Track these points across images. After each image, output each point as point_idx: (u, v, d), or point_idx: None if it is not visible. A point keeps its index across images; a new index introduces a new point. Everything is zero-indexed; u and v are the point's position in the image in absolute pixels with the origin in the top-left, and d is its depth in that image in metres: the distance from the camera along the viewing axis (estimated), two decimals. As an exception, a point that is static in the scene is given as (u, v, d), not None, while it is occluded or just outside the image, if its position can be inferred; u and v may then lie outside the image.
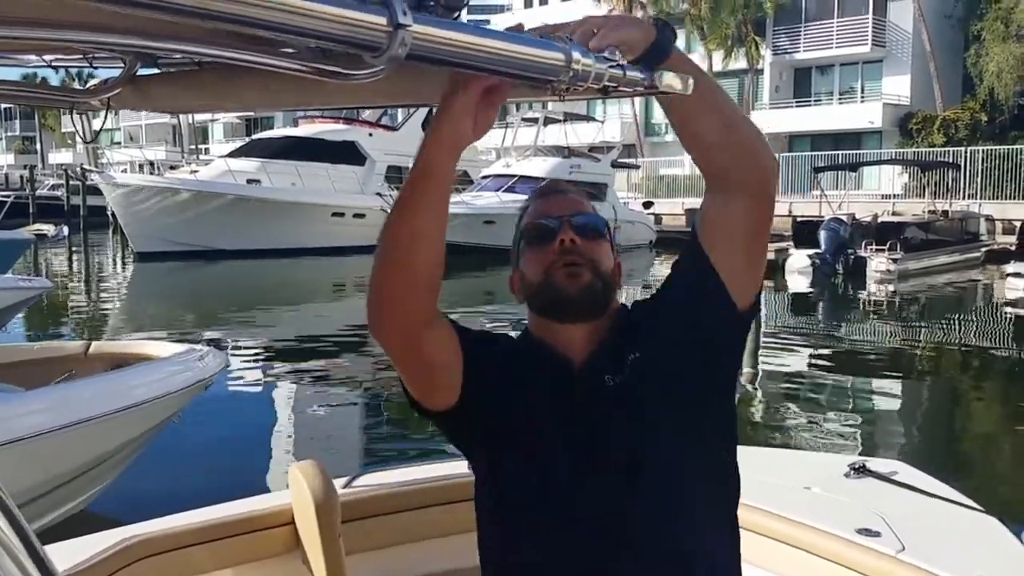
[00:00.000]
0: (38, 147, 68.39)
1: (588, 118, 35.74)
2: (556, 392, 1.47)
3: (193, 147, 41.29)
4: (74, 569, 2.00)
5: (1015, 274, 18.23)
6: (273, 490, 5.77)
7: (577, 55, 1.07)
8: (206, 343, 7.32)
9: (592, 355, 1.49)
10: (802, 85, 39.16)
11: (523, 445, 1.46)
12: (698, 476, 1.47)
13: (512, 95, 1.29)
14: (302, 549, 2.28)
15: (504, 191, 26.51)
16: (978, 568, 2.07)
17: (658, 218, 29.80)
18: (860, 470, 2.66)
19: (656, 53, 1.27)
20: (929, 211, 24.15)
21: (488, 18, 53.54)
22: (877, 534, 2.20)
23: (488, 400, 1.48)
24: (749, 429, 7.60)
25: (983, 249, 23.94)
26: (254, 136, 26.79)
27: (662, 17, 1.38)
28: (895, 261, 19.79)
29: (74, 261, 27.96)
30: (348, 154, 29.09)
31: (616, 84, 1.13)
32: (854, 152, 32.69)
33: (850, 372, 10.92)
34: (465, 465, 2.58)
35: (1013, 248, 20.14)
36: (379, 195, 27.35)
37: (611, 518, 1.41)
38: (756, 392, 9.35)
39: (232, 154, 29.49)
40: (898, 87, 36.08)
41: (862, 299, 18.65)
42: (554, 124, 30.16)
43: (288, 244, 25.55)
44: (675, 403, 1.46)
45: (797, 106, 38.21)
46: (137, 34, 1.11)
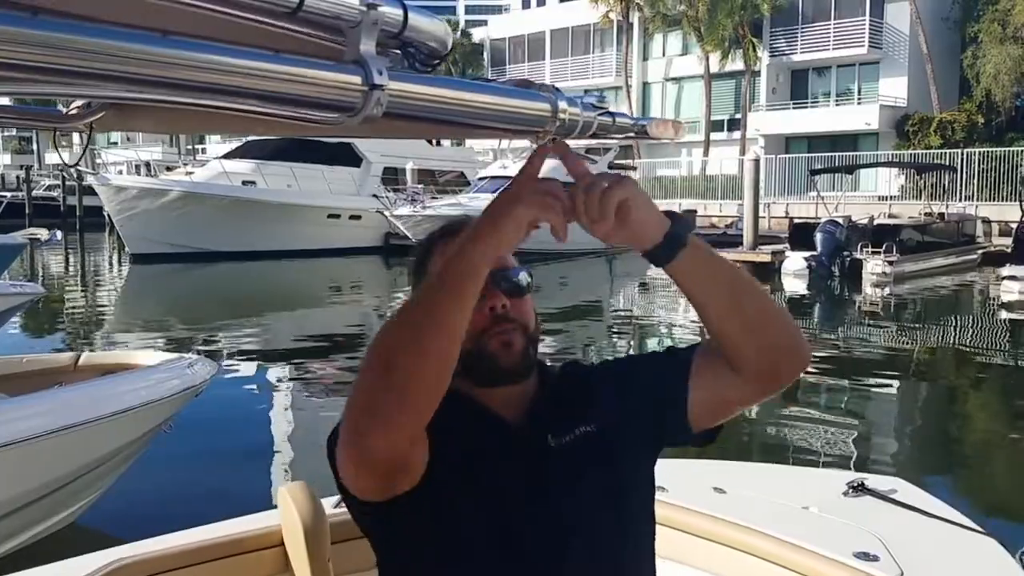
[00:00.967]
0: (35, 147, 68.21)
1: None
2: (503, 453, 1.40)
3: (190, 148, 41.26)
4: None
5: (1010, 277, 18.21)
6: (266, 503, 5.74)
7: (564, 104, 1.03)
8: (197, 352, 7.26)
9: (531, 414, 1.44)
10: (799, 87, 39.18)
11: (479, 511, 1.38)
12: (638, 532, 1.48)
13: (496, 136, 1.24)
14: (292, 572, 2.25)
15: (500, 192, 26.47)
16: None
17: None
18: (859, 488, 2.63)
19: (671, 244, 1.26)
20: (925, 213, 24.14)
21: (485, 18, 53.54)
22: (876, 558, 2.17)
23: (430, 470, 1.35)
24: (744, 440, 7.56)
25: (979, 251, 23.95)
26: (250, 137, 26.73)
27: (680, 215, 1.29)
28: (891, 263, 19.78)
29: (70, 263, 27.89)
30: (344, 156, 29.07)
31: (606, 132, 1.09)
32: (851, 154, 32.69)
33: (846, 376, 10.90)
34: None
35: (1009, 250, 20.13)
36: (375, 197, 27.34)
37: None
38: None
39: (228, 155, 29.43)
40: (895, 89, 36.12)
41: (858, 302, 18.65)
42: (551, 125, 30.10)
43: (284, 246, 25.52)
44: (618, 472, 1.45)
45: (794, 108, 38.25)
46: (117, 86, 1.08)
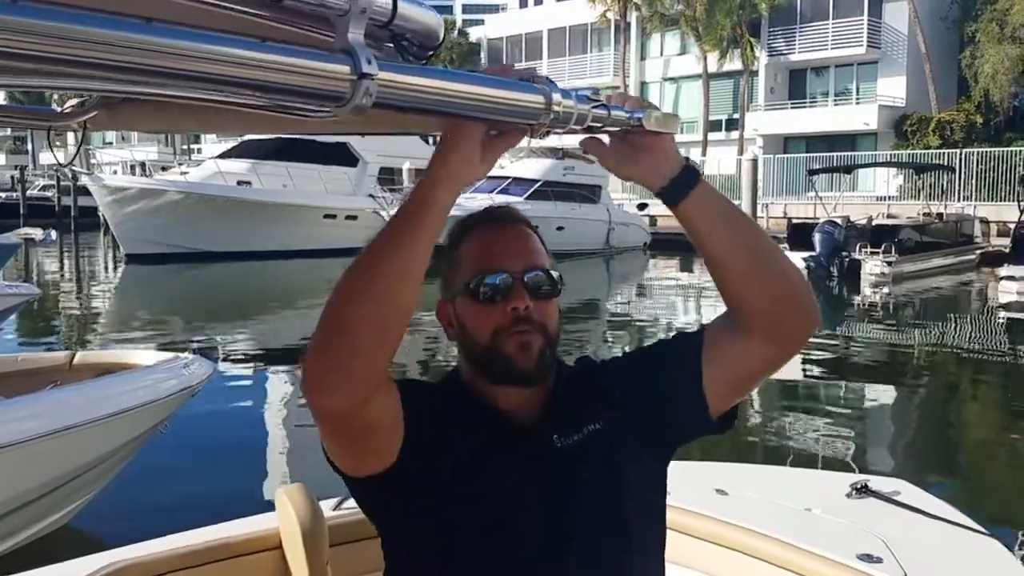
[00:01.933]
0: (29, 147, 68.14)
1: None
2: (507, 452, 1.39)
3: (185, 148, 41.23)
4: None
5: (1008, 277, 18.22)
6: (264, 504, 5.73)
7: (558, 97, 1.01)
8: (193, 351, 7.24)
9: (542, 414, 1.42)
10: (797, 87, 39.22)
11: (480, 511, 1.37)
12: (643, 535, 1.46)
13: (495, 129, 1.22)
14: (290, 575, 2.25)
15: (497, 192, 26.48)
16: None
17: (652, 220, 29.74)
18: (862, 490, 2.64)
19: (689, 174, 1.29)
20: (924, 213, 24.18)
21: (482, 17, 53.53)
22: (879, 560, 2.17)
23: (428, 462, 1.35)
24: (747, 442, 7.55)
25: (978, 251, 23.99)
26: (245, 137, 26.71)
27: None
28: (890, 264, 19.80)
29: (65, 263, 27.86)
30: (340, 155, 29.01)
31: (601, 124, 1.08)
32: (849, 154, 32.74)
33: (846, 377, 10.92)
34: None
35: (1007, 251, 20.15)
36: (371, 196, 27.30)
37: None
38: (752, 400, 9.34)
39: (223, 155, 29.38)
40: (893, 89, 36.17)
41: (857, 302, 18.66)
42: (548, 125, 30.11)
43: (280, 246, 25.48)
44: (623, 473, 1.43)
45: (792, 108, 38.31)
46: (101, 75, 1.07)
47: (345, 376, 1.18)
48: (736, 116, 39.87)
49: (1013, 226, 20.75)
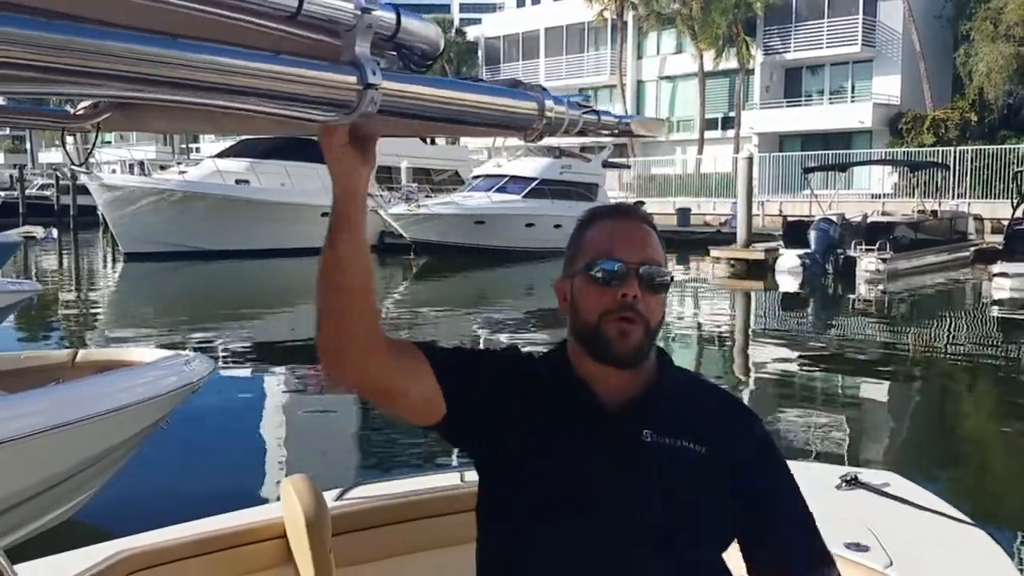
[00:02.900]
0: (28, 146, 68.08)
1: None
2: (588, 432, 1.46)
3: (184, 147, 41.15)
4: None
5: (1001, 274, 18.30)
6: (267, 497, 5.77)
7: (550, 103, 1.09)
8: (194, 349, 7.30)
9: (637, 406, 1.49)
10: (792, 85, 39.26)
11: (551, 485, 1.44)
12: (713, 538, 1.51)
13: (486, 135, 1.31)
14: (294, 563, 2.29)
15: (495, 191, 26.51)
16: None
17: (649, 218, 29.70)
18: (852, 482, 2.66)
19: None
20: (918, 211, 24.23)
21: (480, 16, 53.49)
22: (866, 548, 2.20)
23: (498, 425, 1.48)
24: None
25: (972, 248, 24.02)
26: (243, 136, 26.68)
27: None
28: (884, 261, 19.84)
29: (64, 261, 27.85)
30: (339, 154, 28.97)
31: (592, 129, 1.15)
32: (844, 152, 32.81)
33: (840, 372, 10.97)
34: (457, 477, 2.60)
35: (1000, 247, 20.23)
36: (369, 195, 27.24)
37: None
38: (745, 389, 9.41)
39: (221, 154, 29.30)
40: (888, 87, 36.21)
41: (852, 299, 18.70)
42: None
43: (278, 244, 25.44)
44: (706, 492, 1.48)
45: (787, 106, 38.32)
46: (122, 83, 1.14)
47: (334, 348, 1.40)
48: (732, 114, 39.88)
49: (1007, 223, 20.81)
